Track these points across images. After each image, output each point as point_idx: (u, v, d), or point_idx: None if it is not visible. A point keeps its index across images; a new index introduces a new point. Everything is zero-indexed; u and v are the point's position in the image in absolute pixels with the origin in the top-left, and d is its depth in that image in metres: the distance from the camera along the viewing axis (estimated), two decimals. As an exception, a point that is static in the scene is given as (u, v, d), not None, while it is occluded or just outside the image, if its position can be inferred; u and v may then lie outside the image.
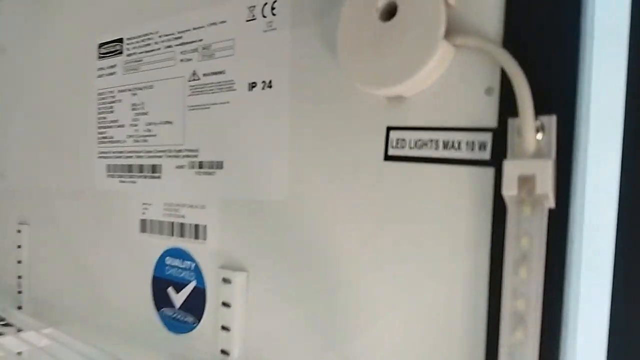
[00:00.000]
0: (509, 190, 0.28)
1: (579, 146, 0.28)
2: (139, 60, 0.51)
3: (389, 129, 0.35)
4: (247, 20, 0.42)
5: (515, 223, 0.29)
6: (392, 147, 0.34)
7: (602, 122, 0.28)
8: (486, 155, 0.31)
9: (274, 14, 0.40)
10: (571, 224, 0.28)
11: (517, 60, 0.29)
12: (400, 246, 0.34)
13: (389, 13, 0.32)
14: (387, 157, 0.35)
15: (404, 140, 0.34)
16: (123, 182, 0.53)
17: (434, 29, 0.30)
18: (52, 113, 0.62)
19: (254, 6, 0.42)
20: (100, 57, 0.55)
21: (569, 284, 0.28)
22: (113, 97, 0.54)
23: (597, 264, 0.28)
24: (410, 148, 0.34)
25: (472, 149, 0.31)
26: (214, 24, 0.44)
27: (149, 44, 0.50)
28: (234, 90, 0.43)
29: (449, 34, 0.31)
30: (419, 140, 0.33)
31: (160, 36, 0.49)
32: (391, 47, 0.32)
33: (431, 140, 0.33)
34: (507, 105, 0.29)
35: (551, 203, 0.28)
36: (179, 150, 0.47)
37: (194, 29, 0.46)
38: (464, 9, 0.31)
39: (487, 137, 0.31)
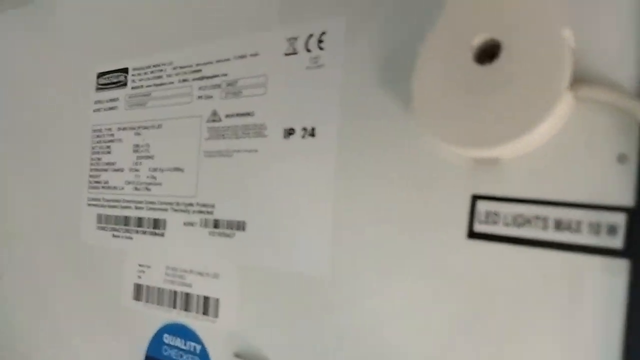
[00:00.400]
0: (668, 298, 0.21)
1: None
2: (147, 95, 0.43)
3: (475, 197, 0.27)
4: (286, 54, 0.35)
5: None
6: (480, 221, 0.27)
7: None
8: (617, 242, 0.23)
9: (321, 48, 0.33)
10: None
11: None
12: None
13: (488, 53, 0.26)
14: (472, 234, 0.27)
15: (496, 214, 0.26)
16: (117, 236, 0.44)
17: (556, 76, 0.23)
18: (36, 147, 0.53)
19: (296, 38, 0.35)
20: (99, 89, 0.47)
21: None
22: (111, 135, 0.46)
23: None
24: (506, 225, 0.26)
25: (597, 233, 0.24)
26: (242, 56, 0.37)
27: (159, 77, 0.43)
28: (265, 136, 0.35)
29: (572, 83, 0.24)
30: (520, 215, 0.26)
31: (174, 68, 0.42)
32: (493, 97, 0.25)
33: (537, 218, 0.25)
34: (651, 180, 0.22)
35: None
36: (190, 204, 0.39)
37: (217, 61, 0.39)
38: (587, 52, 0.25)
39: (620, 219, 0.23)
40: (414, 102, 0.27)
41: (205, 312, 0.37)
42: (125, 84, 0.45)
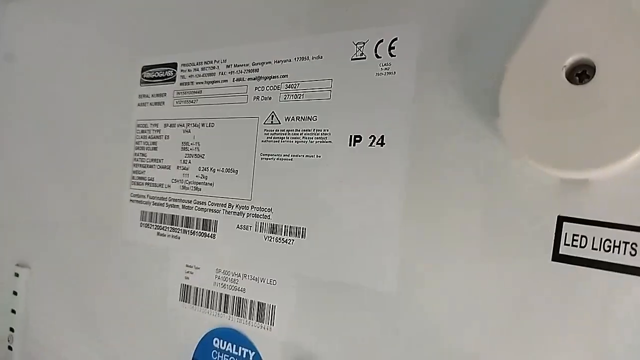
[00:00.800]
0: None
1: None
2: (197, 92, 0.42)
3: (561, 219, 0.27)
4: (353, 59, 0.34)
5: None
6: (566, 244, 0.26)
7: None
8: None
9: (392, 55, 0.33)
10: None
11: None
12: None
13: (579, 74, 0.25)
14: (557, 257, 0.26)
15: (584, 237, 0.26)
16: (162, 235, 0.43)
17: (661, 101, 0.23)
18: (71, 138, 0.52)
19: (364, 42, 0.34)
20: (143, 83, 0.46)
21: None
22: (158, 131, 0.45)
23: None
24: (594, 249, 0.26)
25: (694, 263, 0.23)
26: (304, 58, 0.36)
27: (212, 74, 0.42)
28: (329, 142, 0.35)
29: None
30: (608, 240, 0.25)
31: (228, 65, 0.41)
32: (587, 119, 0.24)
33: (627, 243, 0.25)
34: None
35: None
36: (245, 207, 0.38)
37: (276, 62, 0.38)
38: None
39: None
40: (501, 119, 0.26)
41: (260, 319, 0.37)
42: (174, 79, 0.44)
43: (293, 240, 0.36)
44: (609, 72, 0.24)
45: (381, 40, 0.33)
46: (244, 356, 0.37)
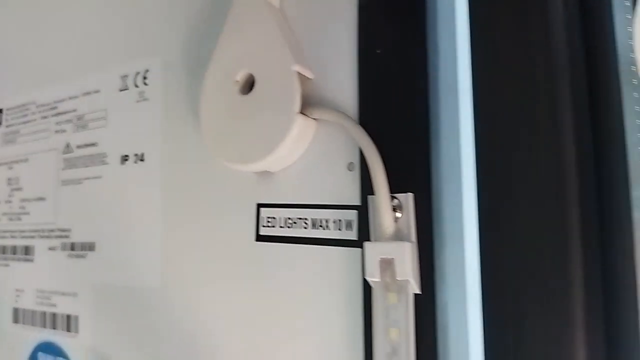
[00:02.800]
0: (372, 276, 0.26)
1: (439, 225, 0.26)
2: (16, 132, 0.47)
3: (259, 206, 0.32)
4: (120, 90, 0.39)
5: (382, 312, 0.26)
6: (263, 226, 0.32)
7: (457, 197, 0.26)
8: (353, 235, 0.28)
9: (145, 84, 0.38)
10: (439, 310, 0.26)
11: (373, 136, 0.27)
12: (275, 336, 0.30)
13: (249, 86, 0.31)
14: (259, 238, 0.32)
15: (274, 218, 0.31)
16: (-5, 265, 0.47)
17: (289, 103, 0.28)
18: None
19: (127, 75, 0.39)
20: (-23, 128, 0.50)
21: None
22: (-12, 171, 0.49)
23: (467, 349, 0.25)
24: (281, 227, 0.31)
25: (340, 228, 0.29)
26: (88, 93, 0.41)
27: (26, 115, 0.46)
28: (107, 163, 0.39)
29: (306, 107, 0.29)
30: (289, 218, 0.31)
31: (37, 106, 0.46)
32: (250, 122, 0.30)
33: (300, 219, 0.30)
34: (368, 182, 0.27)
35: (415, 288, 0.25)
36: (51, 230, 0.43)
37: (70, 98, 0.43)
38: (323, 82, 0.30)
39: (353, 216, 0.28)
40: (201, 127, 0.32)
41: (68, 329, 0.41)
42: (0, 123, 0.49)
43: (87, 254, 0.40)
44: (264, 82, 0.30)
45: (138, 72, 0.38)
46: (60, 365, 0.41)
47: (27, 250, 0.45)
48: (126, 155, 0.38)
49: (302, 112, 0.29)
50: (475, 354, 0.25)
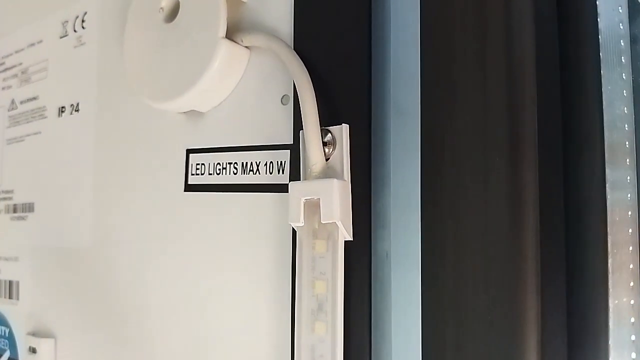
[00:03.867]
0: (295, 220, 0.22)
1: (381, 163, 0.22)
2: (-32, 92, 0.44)
3: (188, 152, 0.28)
4: (61, 37, 0.36)
5: (308, 263, 0.22)
6: (193, 174, 0.28)
7: (400, 130, 0.22)
8: (285, 178, 0.24)
9: (83, 28, 0.35)
10: (376, 261, 0.22)
11: (308, 63, 0.23)
12: (204, 291, 0.27)
13: (175, 13, 0.27)
14: (187, 187, 0.28)
15: (203, 164, 0.28)
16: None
17: (212, 26, 0.25)
18: None
19: (67, 21, 0.36)
20: None
21: (377, 336, 0.22)
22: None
23: (409, 309, 0.21)
24: (210, 174, 0.27)
25: (271, 172, 0.25)
26: (32, 44, 0.39)
27: (-23, 73, 0.44)
28: (46, 117, 0.36)
29: (236, 33, 0.25)
30: (218, 164, 0.27)
31: (-13, 63, 0.43)
32: (172, 53, 0.26)
33: (229, 163, 0.26)
34: (300, 116, 0.23)
35: (345, 234, 0.21)
36: (-4, 192, 0.40)
37: (16, 52, 0.40)
38: (258, 6, 0.26)
39: (285, 156, 0.24)
40: (125, 64, 0.28)
41: (10, 296, 0.38)
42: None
43: (27, 216, 0.37)
44: (188, 7, 0.26)
45: (77, 16, 0.35)
46: (4, 334, 0.38)
47: (-24, 215, 0.42)
48: (63, 107, 0.35)
49: (231, 39, 0.25)
50: (415, 312, 0.21)
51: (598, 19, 0.20)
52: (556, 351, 0.19)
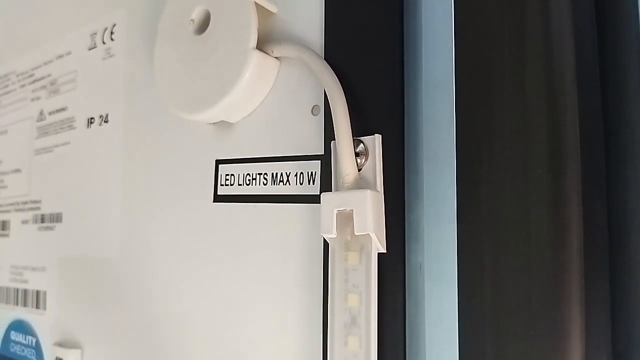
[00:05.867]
0: (328, 232, 0.22)
1: (414, 174, 0.22)
2: (-2, 104, 0.45)
3: (217, 162, 0.28)
4: (90, 49, 0.37)
5: (341, 275, 0.22)
6: (222, 184, 0.28)
7: (433, 140, 0.21)
8: (315, 189, 0.24)
9: (112, 40, 0.35)
10: (410, 273, 0.21)
11: (340, 73, 0.23)
12: (233, 303, 0.27)
13: (205, 25, 0.27)
14: (217, 198, 0.28)
15: (232, 175, 0.27)
16: (-24, 242, 0.45)
17: (244, 38, 0.25)
18: None
19: (96, 33, 0.36)
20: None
21: (411, 352, 0.21)
22: (-27, 145, 0.48)
23: (443, 323, 0.21)
24: (239, 185, 0.27)
25: (301, 183, 0.25)
26: (61, 56, 0.39)
27: (7, 85, 0.45)
28: (75, 128, 0.37)
29: (267, 45, 0.25)
30: (248, 174, 0.27)
31: (17, 75, 0.44)
32: (203, 64, 0.26)
33: (259, 174, 0.26)
34: (331, 126, 0.23)
35: (379, 246, 0.21)
36: (25, 203, 0.40)
37: (45, 64, 0.41)
38: (289, 17, 0.26)
39: (316, 166, 0.24)
40: (155, 76, 0.29)
41: (37, 306, 0.38)
42: (-15, 96, 0.47)
43: (55, 226, 0.37)
44: (219, 19, 0.26)
45: (106, 28, 0.36)
46: (30, 344, 0.39)
47: (3, 225, 0.43)
48: (92, 118, 0.36)
49: (262, 50, 0.25)
50: (451, 326, 0.20)
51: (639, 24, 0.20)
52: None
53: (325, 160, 0.24)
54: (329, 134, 0.23)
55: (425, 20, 0.23)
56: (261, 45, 0.25)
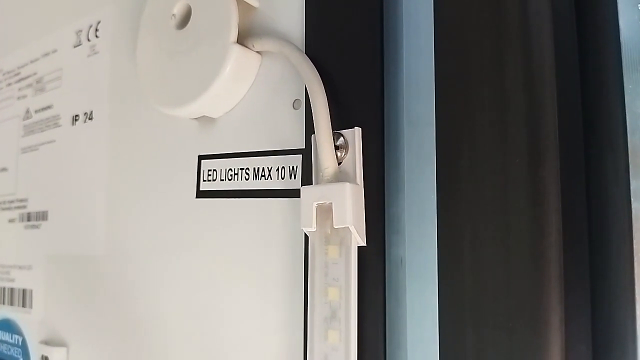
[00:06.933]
0: (307, 225, 0.21)
1: (395, 167, 0.22)
2: (-15, 103, 0.45)
3: (200, 158, 0.28)
4: (75, 47, 0.37)
5: (320, 269, 0.21)
6: (204, 180, 0.28)
7: (414, 134, 0.21)
8: (297, 183, 0.24)
9: (97, 37, 0.35)
10: (390, 267, 0.21)
11: (320, 67, 0.23)
12: (217, 299, 0.26)
13: (186, 19, 0.27)
14: (199, 194, 0.28)
15: (215, 171, 0.27)
16: (-36, 241, 0.45)
17: (224, 32, 0.24)
18: None
19: (81, 30, 0.36)
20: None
21: (391, 345, 0.21)
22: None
23: (424, 316, 0.20)
24: (222, 180, 0.27)
25: (283, 177, 0.25)
26: (46, 54, 0.39)
27: (-6, 84, 0.44)
28: (60, 126, 0.37)
29: (248, 39, 0.25)
30: (230, 170, 0.27)
31: (3, 74, 0.44)
32: (184, 59, 0.26)
33: (241, 169, 0.26)
34: (312, 120, 0.23)
35: (359, 239, 0.21)
36: (11, 201, 0.40)
37: (31, 62, 0.40)
38: (270, 11, 0.26)
39: (297, 161, 0.24)
40: (138, 71, 0.28)
41: (23, 304, 0.38)
42: (-28, 96, 0.47)
43: (41, 224, 0.37)
44: (199, 13, 0.26)
45: (91, 25, 0.36)
46: (16, 342, 0.38)
47: (-9, 223, 0.42)
48: (77, 115, 0.35)
49: (243, 44, 0.25)
50: (431, 319, 0.20)
51: (618, 17, 0.20)
52: (580, 358, 0.19)
53: (306, 154, 0.24)
54: (310, 128, 0.23)
55: (407, 14, 0.23)
56: (242, 40, 0.25)
